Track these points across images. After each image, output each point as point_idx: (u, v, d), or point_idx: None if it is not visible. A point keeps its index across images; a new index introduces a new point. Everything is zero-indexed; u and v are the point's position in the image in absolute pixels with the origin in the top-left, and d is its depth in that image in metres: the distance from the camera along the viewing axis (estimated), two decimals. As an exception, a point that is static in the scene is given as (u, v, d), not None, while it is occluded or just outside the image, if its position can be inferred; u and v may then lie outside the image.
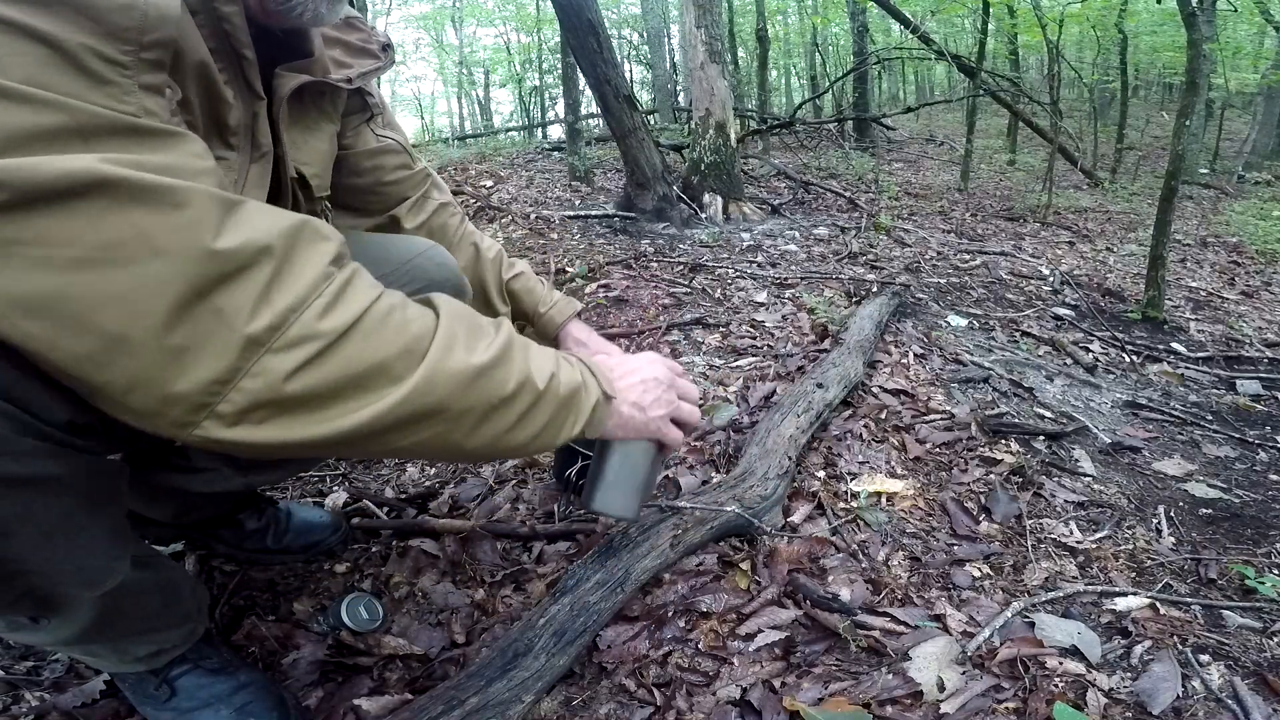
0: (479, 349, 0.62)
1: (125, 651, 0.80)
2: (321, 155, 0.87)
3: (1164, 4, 8.21)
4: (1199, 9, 3.45)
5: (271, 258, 0.51)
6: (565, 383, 0.70)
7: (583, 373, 0.74)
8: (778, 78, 18.94)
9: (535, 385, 0.66)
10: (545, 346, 0.72)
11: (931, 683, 0.93)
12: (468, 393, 0.60)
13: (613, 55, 4.27)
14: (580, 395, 0.72)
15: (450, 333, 0.61)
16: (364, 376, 0.55)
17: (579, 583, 1.01)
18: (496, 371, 0.63)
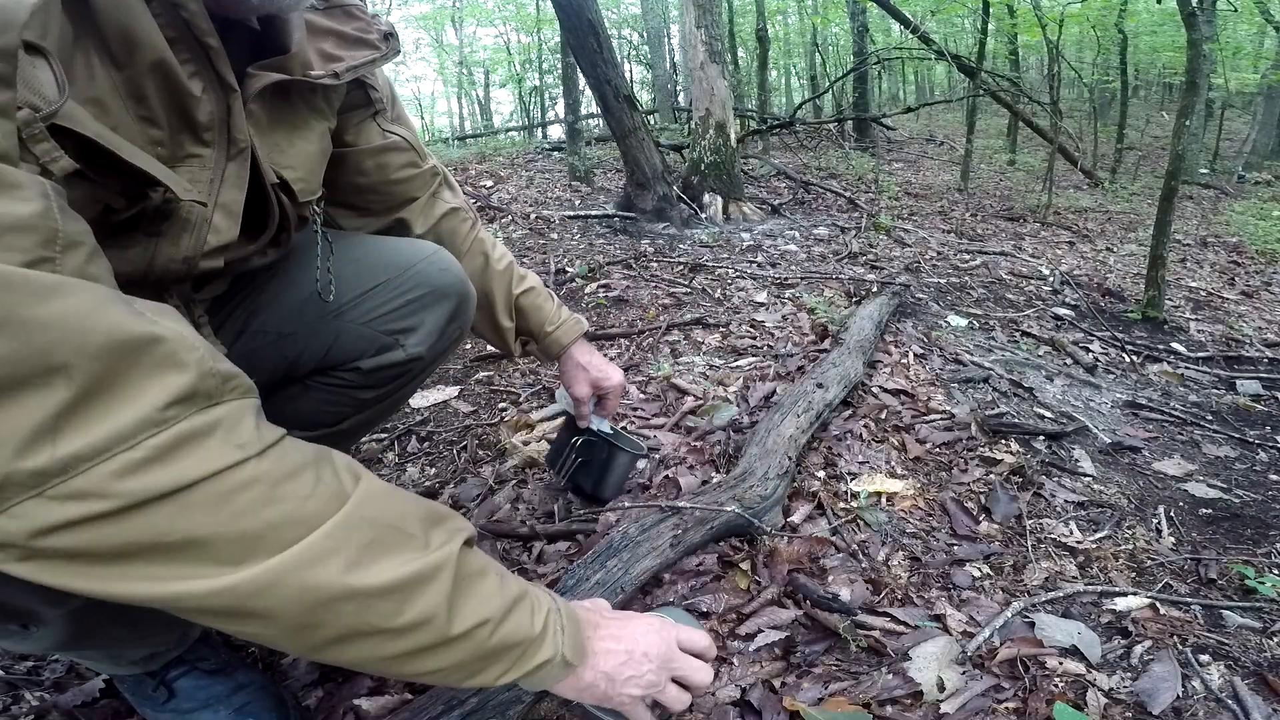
0: (376, 569, 0.50)
1: (119, 656, 0.79)
2: (309, 157, 0.81)
3: (1164, 4, 8.22)
4: (1199, 9, 3.45)
5: (68, 382, 0.40)
6: (504, 635, 0.58)
7: (548, 627, 0.63)
8: (778, 78, 18.94)
9: (441, 629, 0.54)
10: (512, 582, 0.62)
11: (931, 683, 0.93)
12: (323, 612, 0.49)
13: (613, 55, 4.27)
14: (523, 651, 0.60)
15: (338, 540, 0.49)
16: (172, 549, 0.44)
17: (579, 583, 1.01)
18: (384, 602, 0.51)
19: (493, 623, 0.57)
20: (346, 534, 0.50)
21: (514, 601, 0.60)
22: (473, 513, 1.33)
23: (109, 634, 0.75)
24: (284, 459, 0.49)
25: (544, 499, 1.37)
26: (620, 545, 1.08)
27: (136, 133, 0.58)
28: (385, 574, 0.51)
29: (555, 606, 0.65)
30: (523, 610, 0.60)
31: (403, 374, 0.97)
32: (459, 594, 0.55)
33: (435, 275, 0.96)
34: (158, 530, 0.43)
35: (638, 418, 1.71)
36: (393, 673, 0.56)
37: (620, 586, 1.02)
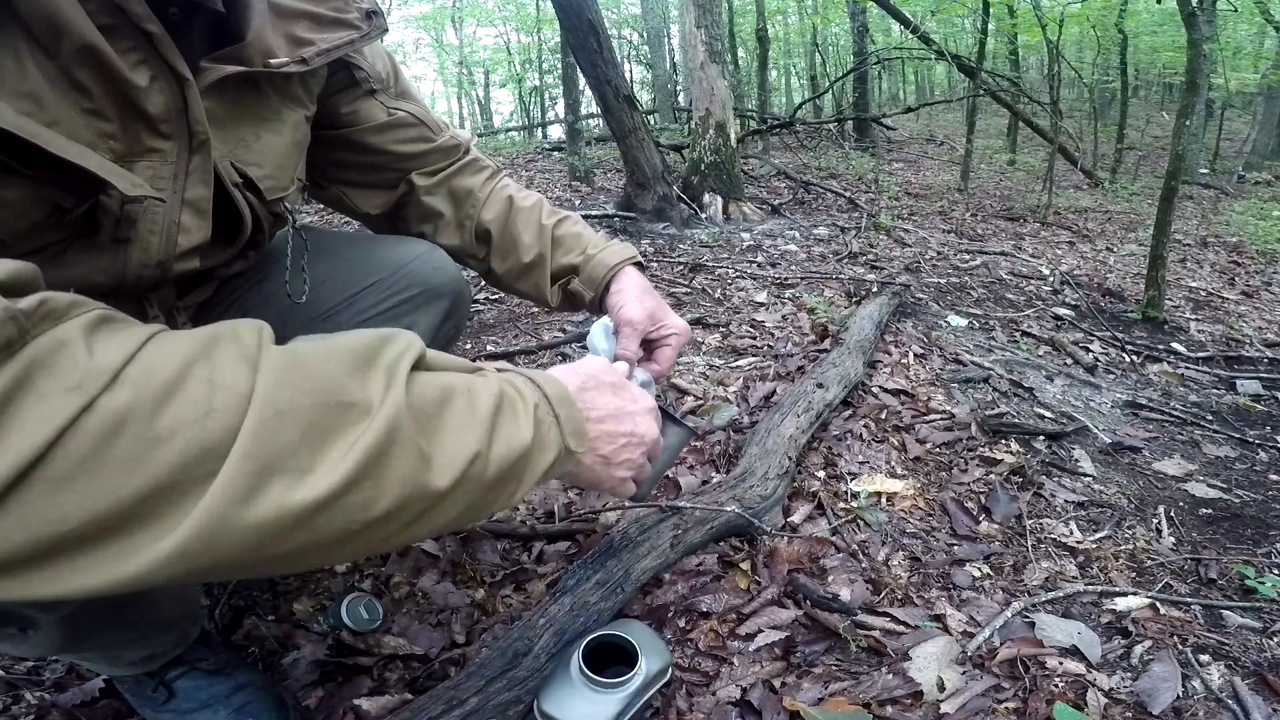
0: (325, 468, 0.41)
1: (118, 657, 0.80)
2: (278, 151, 0.76)
3: (1164, 4, 8.22)
4: (1199, 9, 3.45)
5: None
6: (499, 459, 0.50)
7: (541, 424, 0.55)
8: (778, 78, 18.94)
9: (428, 492, 0.45)
10: (481, 387, 0.51)
11: (931, 683, 0.93)
12: (292, 536, 0.40)
13: (613, 55, 4.27)
14: (526, 464, 0.53)
15: (264, 453, 0.39)
16: (77, 535, 0.35)
17: (579, 583, 1.01)
18: (352, 496, 0.42)
19: (481, 455, 0.48)
20: (271, 441, 0.39)
21: (493, 414, 0.50)
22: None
23: (106, 637, 0.75)
24: (147, 379, 0.37)
25: (544, 499, 1.37)
26: (620, 545, 1.08)
27: (82, 126, 0.55)
28: (338, 470, 0.41)
29: (540, 393, 0.56)
30: (506, 420, 0.51)
31: None
32: (432, 443, 0.46)
33: (429, 274, 0.94)
34: (46, 522, 0.34)
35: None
36: (400, 545, 0.51)
37: (620, 586, 1.02)
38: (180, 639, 0.84)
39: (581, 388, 0.63)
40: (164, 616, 0.82)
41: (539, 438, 0.54)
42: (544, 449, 0.54)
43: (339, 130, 0.89)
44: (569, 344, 2.13)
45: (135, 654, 0.80)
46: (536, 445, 0.53)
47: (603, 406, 0.64)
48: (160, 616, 0.81)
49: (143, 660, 0.81)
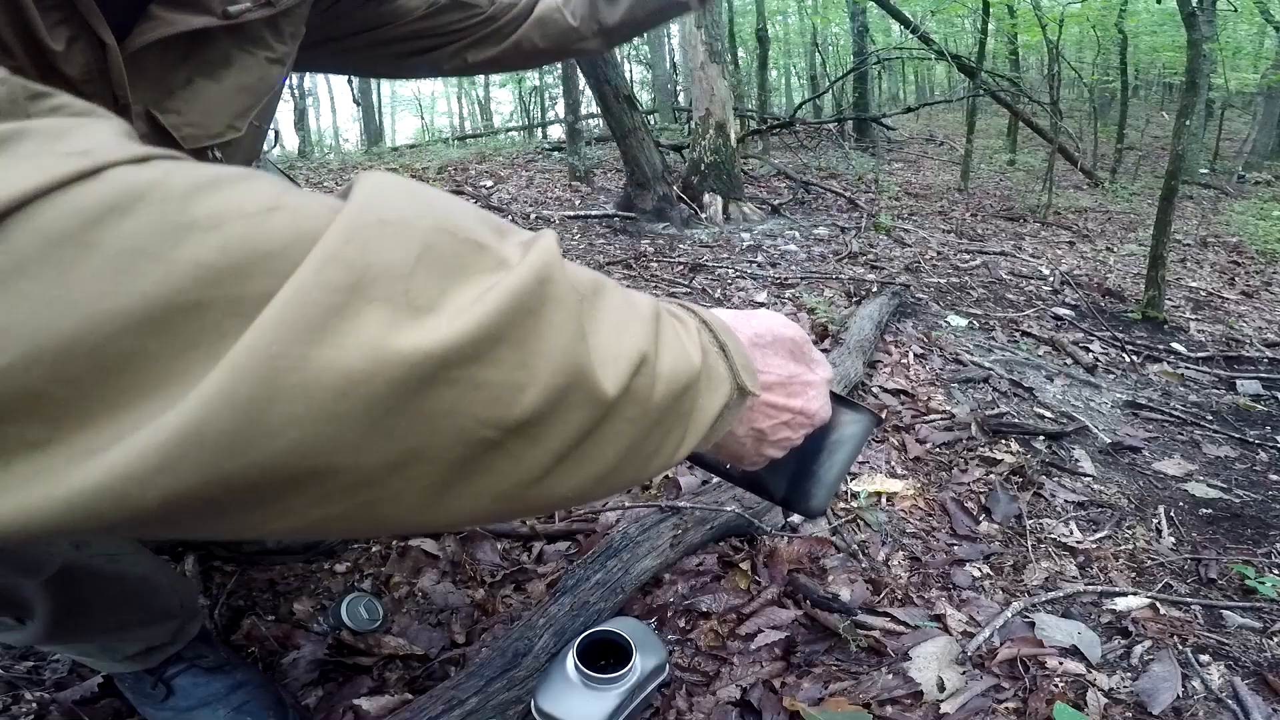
0: (445, 307, 0.26)
1: (114, 650, 0.79)
2: (209, 96, 0.67)
3: (1164, 4, 8.22)
4: (1199, 9, 3.45)
5: None
6: (668, 374, 0.35)
7: (705, 352, 0.40)
8: (778, 78, 18.95)
9: (596, 388, 0.30)
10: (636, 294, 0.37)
11: (931, 683, 0.93)
12: (390, 421, 0.25)
13: (613, 55, 4.27)
14: (695, 392, 0.38)
15: (356, 269, 0.24)
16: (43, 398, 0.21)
17: (579, 583, 1.01)
18: (488, 364, 0.27)
19: (649, 360, 0.34)
20: (368, 251, 0.25)
21: (655, 319, 0.36)
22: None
23: (99, 621, 0.74)
24: (187, 169, 0.24)
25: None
26: (620, 545, 1.08)
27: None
28: (470, 314, 0.26)
29: (698, 319, 0.42)
30: (670, 331, 0.37)
31: None
32: (591, 327, 0.32)
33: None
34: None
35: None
36: (539, 508, 0.33)
37: (620, 586, 1.02)
38: (178, 633, 0.84)
39: (752, 341, 0.48)
40: (162, 606, 0.82)
41: (707, 367, 0.39)
42: (713, 384, 0.40)
43: (384, 35, 0.87)
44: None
45: (132, 647, 0.80)
46: (705, 376, 0.39)
47: (775, 370, 0.50)
48: (158, 605, 0.81)
49: (140, 655, 0.81)
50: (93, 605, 0.72)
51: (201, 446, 0.22)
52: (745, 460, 0.53)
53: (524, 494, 0.31)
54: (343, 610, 1.00)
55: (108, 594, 0.74)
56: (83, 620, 0.72)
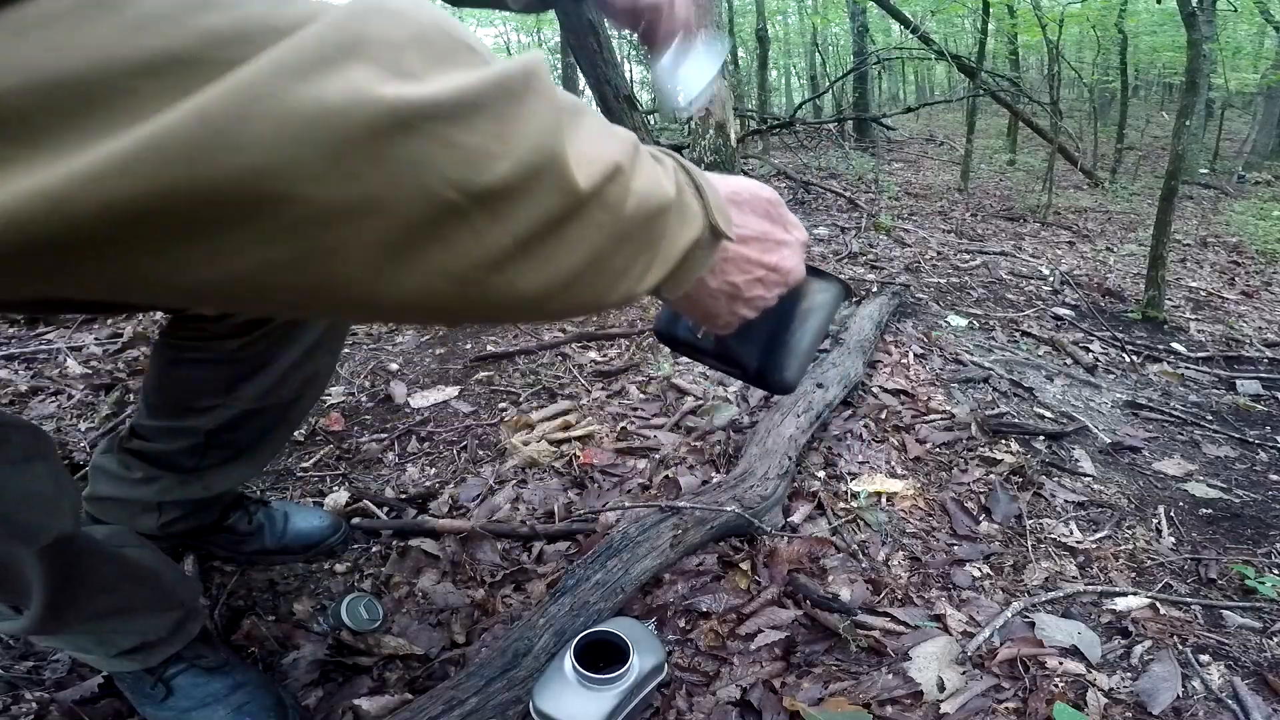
0: (432, 74, 0.28)
1: (110, 643, 0.79)
2: None
3: (1164, 4, 8.22)
4: (1199, 9, 3.45)
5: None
6: (641, 192, 0.36)
7: (681, 189, 0.41)
8: (778, 78, 18.94)
9: (567, 179, 0.31)
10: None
11: (931, 683, 0.93)
12: (356, 158, 0.25)
13: (613, 55, 4.27)
14: (665, 221, 0.38)
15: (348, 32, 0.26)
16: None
17: (579, 583, 1.01)
18: (461, 127, 0.28)
19: (624, 172, 0.34)
20: (363, 26, 0.26)
21: (634, 146, 0.37)
22: (473, 513, 1.33)
23: (95, 602, 0.74)
24: None
25: (544, 499, 1.37)
26: (620, 545, 1.08)
27: None
28: (450, 83, 0.27)
29: (675, 162, 0.43)
30: (647, 160, 0.38)
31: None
32: (568, 124, 0.32)
33: None
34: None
35: (638, 418, 1.71)
36: (496, 306, 0.32)
37: (620, 586, 1.02)
38: (177, 630, 0.84)
39: (729, 197, 0.49)
40: (161, 595, 0.82)
41: (681, 201, 0.40)
42: (685, 218, 0.41)
43: None
44: (569, 344, 2.13)
45: (128, 640, 0.79)
46: (678, 208, 0.40)
47: (750, 225, 0.50)
48: (156, 594, 0.81)
49: (137, 651, 0.81)
50: (89, 584, 0.72)
51: (160, 153, 0.22)
52: (719, 320, 0.53)
53: (482, 280, 0.30)
54: (343, 610, 1.00)
55: (104, 574, 0.74)
56: (78, 601, 0.72)
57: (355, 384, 1.82)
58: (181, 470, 0.96)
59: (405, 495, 1.39)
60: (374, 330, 2.29)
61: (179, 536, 1.10)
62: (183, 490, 0.98)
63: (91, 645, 0.80)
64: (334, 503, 1.34)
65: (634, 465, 1.49)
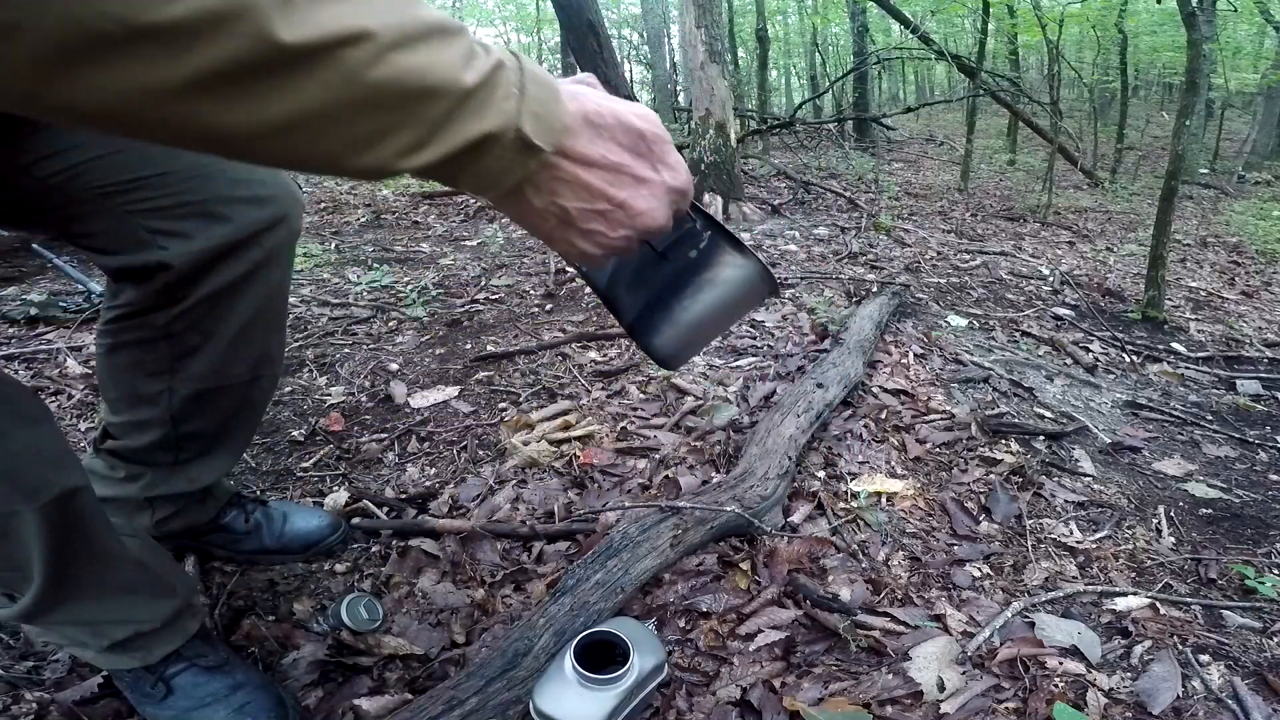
0: None
1: (105, 633, 0.79)
2: None
3: (1164, 4, 8.22)
4: (1199, 9, 3.45)
5: None
6: (400, 65, 0.36)
7: (491, 85, 0.40)
8: (778, 78, 18.95)
9: (259, 31, 0.31)
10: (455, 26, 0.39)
11: (931, 683, 0.93)
12: None
13: (613, 55, 4.27)
14: (438, 100, 0.38)
15: None
16: None
17: (579, 583, 1.01)
18: None
19: (373, 40, 0.34)
20: None
21: (428, 29, 0.37)
22: (473, 513, 1.33)
23: (91, 578, 0.74)
24: None
25: (544, 499, 1.37)
26: (620, 545, 1.08)
27: None
28: None
29: (517, 64, 0.42)
30: (441, 44, 0.37)
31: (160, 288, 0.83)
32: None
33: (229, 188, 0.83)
34: None
35: (638, 418, 1.71)
36: (198, 129, 0.33)
37: (620, 586, 1.02)
38: (173, 621, 0.84)
39: (586, 116, 0.46)
40: (156, 580, 0.82)
41: (480, 95, 0.39)
42: (480, 111, 0.39)
43: None
44: (568, 344, 2.13)
45: (122, 630, 0.79)
46: (473, 100, 0.39)
47: (601, 151, 0.47)
48: (151, 577, 0.81)
49: (133, 645, 0.81)
50: (88, 551, 0.73)
51: None
52: (556, 245, 0.50)
53: (161, 105, 0.31)
54: (343, 610, 1.00)
55: (103, 542, 0.74)
56: (77, 569, 0.73)
57: (355, 384, 1.82)
58: (160, 465, 0.97)
59: (405, 495, 1.39)
60: (374, 330, 2.29)
61: (177, 536, 1.10)
62: (168, 485, 0.99)
63: (87, 637, 0.79)
64: (334, 503, 1.34)
65: (634, 465, 1.49)
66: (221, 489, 1.12)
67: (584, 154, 0.46)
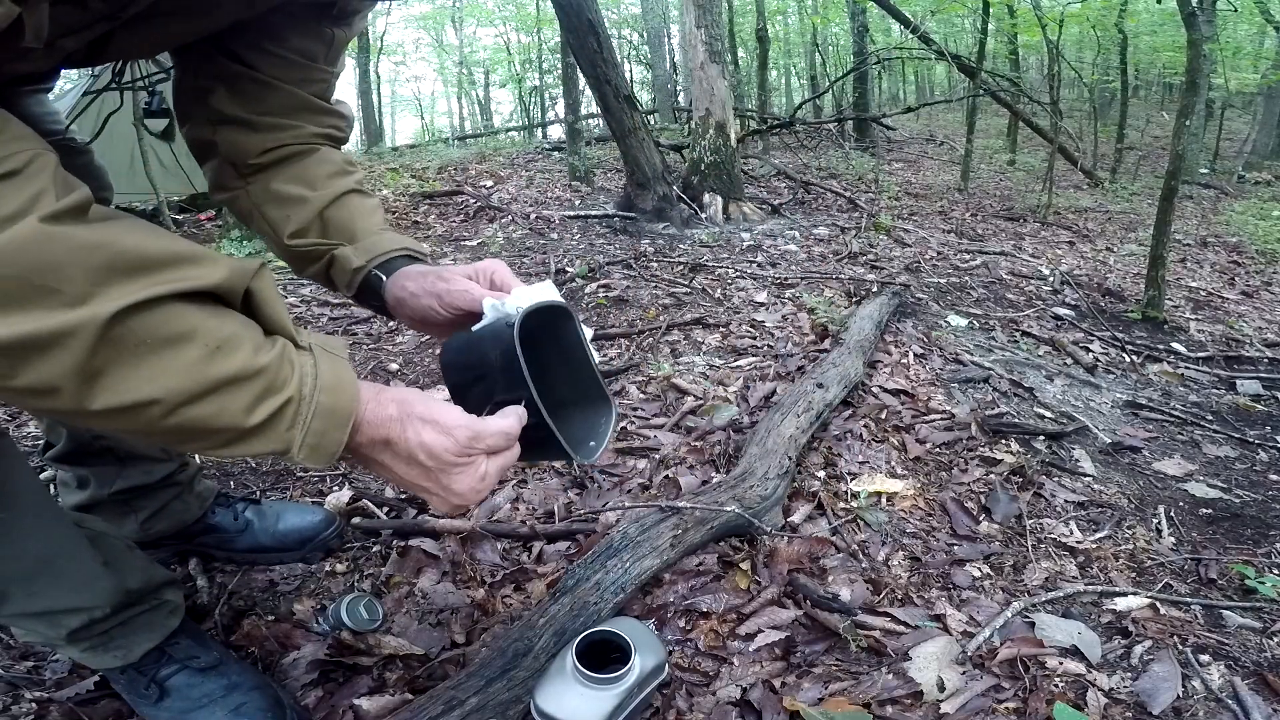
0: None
1: (58, 622, 0.78)
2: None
3: (1164, 4, 8.22)
4: (1199, 9, 3.45)
5: None
6: (192, 417, 0.50)
7: (278, 419, 0.54)
8: (778, 78, 18.95)
9: (77, 403, 0.47)
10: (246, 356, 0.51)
11: (931, 683, 0.93)
12: None
13: (613, 55, 4.27)
14: (226, 435, 0.52)
15: None
16: None
17: (579, 583, 1.01)
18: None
19: (162, 404, 0.48)
20: None
21: (220, 383, 0.50)
22: (473, 513, 1.33)
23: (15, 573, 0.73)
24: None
25: (544, 499, 1.37)
26: (620, 545, 1.08)
27: None
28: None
29: (312, 397, 0.55)
30: (232, 396, 0.51)
31: None
32: (112, 367, 0.46)
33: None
34: None
35: (638, 418, 1.71)
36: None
37: (620, 586, 1.02)
38: (129, 612, 0.82)
39: (385, 440, 0.60)
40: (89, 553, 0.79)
41: (265, 429, 0.53)
42: (265, 437, 0.53)
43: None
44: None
45: (75, 618, 0.78)
46: (256, 432, 0.52)
47: (391, 465, 0.61)
48: (85, 550, 0.79)
49: (89, 633, 0.80)
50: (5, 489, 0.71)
51: None
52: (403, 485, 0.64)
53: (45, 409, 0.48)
54: (343, 610, 1.00)
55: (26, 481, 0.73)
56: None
57: (355, 384, 1.82)
58: (100, 461, 0.98)
59: (405, 495, 1.39)
60: (374, 330, 2.29)
61: (170, 539, 1.10)
62: (125, 479, 1.00)
63: (44, 628, 0.78)
64: (334, 502, 1.34)
65: (634, 465, 1.49)
66: (204, 488, 1.12)
67: (378, 463, 0.62)
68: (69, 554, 0.79)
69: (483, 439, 0.61)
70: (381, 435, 0.60)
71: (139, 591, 0.84)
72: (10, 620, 0.81)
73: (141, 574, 0.85)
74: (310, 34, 0.82)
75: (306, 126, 0.85)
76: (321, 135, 0.87)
